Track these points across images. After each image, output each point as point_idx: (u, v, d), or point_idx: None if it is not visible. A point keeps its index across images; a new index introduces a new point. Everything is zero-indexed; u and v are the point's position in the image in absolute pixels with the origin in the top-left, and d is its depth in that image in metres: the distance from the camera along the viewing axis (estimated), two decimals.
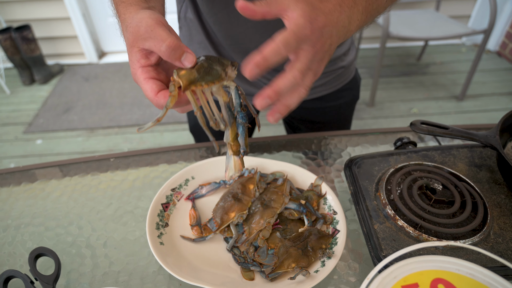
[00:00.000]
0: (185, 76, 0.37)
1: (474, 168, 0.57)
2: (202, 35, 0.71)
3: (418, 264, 0.33)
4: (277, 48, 0.33)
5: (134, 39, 0.37)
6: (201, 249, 0.53)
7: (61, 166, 0.69)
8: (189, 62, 0.37)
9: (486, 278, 0.32)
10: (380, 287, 0.32)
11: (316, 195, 0.57)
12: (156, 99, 0.37)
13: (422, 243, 0.34)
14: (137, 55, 0.38)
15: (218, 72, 0.39)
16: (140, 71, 0.38)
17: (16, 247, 0.55)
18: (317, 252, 0.49)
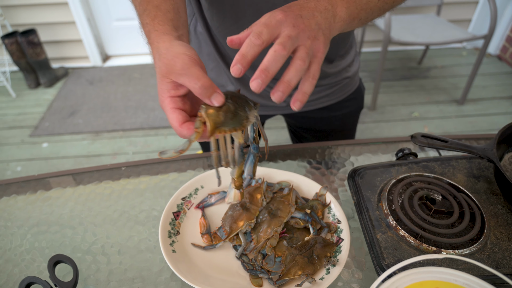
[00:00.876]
0: (212, 117, 0.40)
1: (472, 179, 0.59)
2: (211, 47, 0.74)
3: (419, 275, 0.36)
4: (250, 41, 0.37)
5: (168, 71, 0.40)
6: (211, 256, 0.55)
7: (75, 174, 0.72)
8: (217, 102, 0.40)
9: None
10: None
11: (320, 205, 0.60)
12: (180, 129, 0.40)
13: (422, 256, 0.36)
14: (168, 85, 0.41)
15: (242, 119, 0.42)
16: (168, 100, 0.41)
17: (34, 254, 0.57)
18: (322, 260, 0.52)
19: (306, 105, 0.81)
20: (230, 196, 0.49)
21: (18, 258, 0.57)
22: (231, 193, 0.49)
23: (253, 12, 0.62)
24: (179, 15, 0.48)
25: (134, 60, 2.90)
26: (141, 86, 2.60)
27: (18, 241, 0.59)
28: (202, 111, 0.41)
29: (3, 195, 0.68)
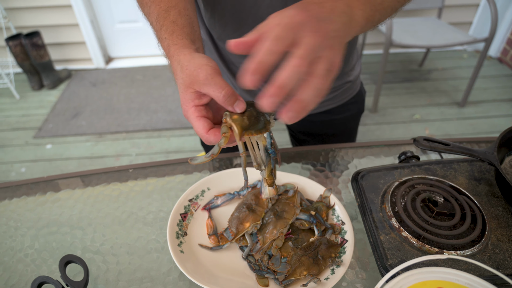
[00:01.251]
0: (238, 122, 0.42)
1: (474, 181, 0.60)
2: (215, 54, 0.75)
3: (422, 275, 0.37)
4: (269, 46, 0.32)
5: (192, 82, 0.41)
6: (218, 257, 0.56)
7: (83, 176, 0.74)
8: (240, 109, 0.42)
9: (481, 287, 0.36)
10: None
11: (325, 206, 0.61)
12: (207, 136, 0.42)
13: (425, 256, 0.38)
14: (192, 95, 0.42)
15: (264, 122, 0.45)
16: (193, 109, 0.43)
17: (45, 255, 0.59)
18: (327, 261, 0.53)
19: None
20: (266, 193, 0.53)
21: (29, 258, 0.58)
22: (265, 190, 0.53)
23: (253, 20, 0.63)
24: (194, 29, 0.49)
25: (137, 62, 2.92)
26: (144, 88, 2.62)
27: (28, 241, 0.61)
28: (227, 118, 0.43)
29: (13, 197, 0.70)
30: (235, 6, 0.62)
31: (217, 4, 0.63)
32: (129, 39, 2.89)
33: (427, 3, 2.28)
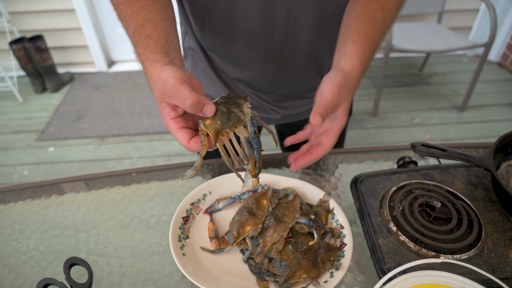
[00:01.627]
0: (211, 126, 0.43)
1: (471, 186, 0.62)
2: (206, 63, 0.76)
3: (418, 278, 0.38)
4: (329, 107, 0.47)
5: (162, 96, 0.43)
6: (219, 259, 0.57)
7: (87, 180, 0.75)
8: (210, 113, 0.43)
9: None
10: None
11: (324, 210, 0.62)
12: (189, 146, 0.43)
13: (421, 260, 0.39)
14: (167, 109, 0.43)
15: (237, 115, 0.45)
16: (171, 122, 0.44)
17: (50, 257, 0.60)
18: (326, 264, 0.54)
19: (298, 116, 0.84)
20: (248, 185, 0.52)
21: (34, 260, 0.59)
22: (248, 182, 0.52)
23: (243, 33, 0.64)
24: (170, 40, 0.50)
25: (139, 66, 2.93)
26: (145, 91, 2.64)
27: (33, 244, 0.62)
28: (201, 125, 0.44)
29: (18, 200, 0.71)
30: (224, 19, 0.63)
31: (206, 17, 0.64)
32: None
33: (427, 8, 2.30)
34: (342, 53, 0.52)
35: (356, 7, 0.54)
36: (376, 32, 0.53)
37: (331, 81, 0.47)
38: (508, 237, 0.53)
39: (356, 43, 0.51)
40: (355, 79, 0.51)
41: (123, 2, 0.51)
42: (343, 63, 0.50)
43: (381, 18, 0.53)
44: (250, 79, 0.75)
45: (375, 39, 0.53)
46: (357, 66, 0.51)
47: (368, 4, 0.54)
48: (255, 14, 0.61)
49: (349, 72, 0.50)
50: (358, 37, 0.51)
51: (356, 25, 0.52)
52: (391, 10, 0.55)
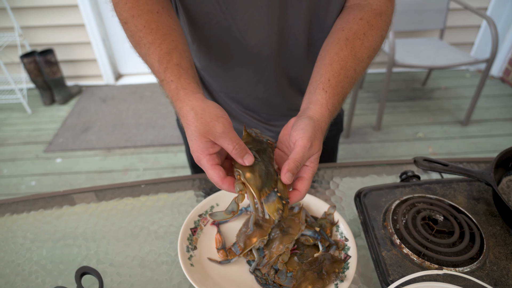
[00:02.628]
0: (252, 182, 0.46)
1: (472, 200, 0.63)
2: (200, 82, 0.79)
3: None
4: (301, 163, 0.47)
5: (207, 131, 0.44)
6: (226, 270, 0.59)
7: (97, 191, 0.77)
8: (248, 162, 0.46)
9: None
10: None
11: (329, 223, 0.63)
12: (222, 184, 0.45)
13: (423, 272, 0.40)
14: (207, 144, 0.45)
15: (272, 174, 0.48)
16: (207, 158, 0.45)
17: (62, 265, 0.61)
18: (331, 276, 0.55)
19: None
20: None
21: (46, 269, 0.61)
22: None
23: (239, 56, 0.67)
24: (195, 71, 0.52)
25: (145, 79, 3.00)
26: (152, 104, 2.69)
27: (45, 253, 0.64)
28: (241, 177, 0.46)
29: (31, 210, 0.73)
30: (221, 43, 0.65)
31: (204, 39, 0.66)
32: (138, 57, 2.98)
33: (429, 24, 2.34)
34: (312, 100, 0.52)
35: (330, 51, 0.55)
36: (346, 82, 0.54)
37: (303, 133, 0.48)
38: (510, 251, 0.55)
39: (327, 92, 0.52)
40: (324, 128, 0.51)
41: (142, 29, 0.53)
42: (313, 112, 0.51)
43: (352, 67, 0.55)
44: (243, 99, 0.78)
45: (344, 89, 0.54)
46: (326, 116, 0.52)
47: (342, 50, 0.55)
48: (251, 40, 0.63)
49: (319, 121, 0.50)
50: (329, 85, 0.53)
51: (328, 72, 0.53)
52: (363, 59, 0.56)
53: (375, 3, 0.59)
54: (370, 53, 0.57)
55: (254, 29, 0.62)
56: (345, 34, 0.56)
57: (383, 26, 0.58)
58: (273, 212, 0.47)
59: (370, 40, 0.56)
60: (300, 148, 0.46)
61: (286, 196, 0.48)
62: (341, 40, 0.56)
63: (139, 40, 0.53)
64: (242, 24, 0.61)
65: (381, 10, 0.59)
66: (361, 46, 0.56)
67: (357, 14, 0.58)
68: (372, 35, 0.57)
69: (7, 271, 0.61)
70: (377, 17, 0.58)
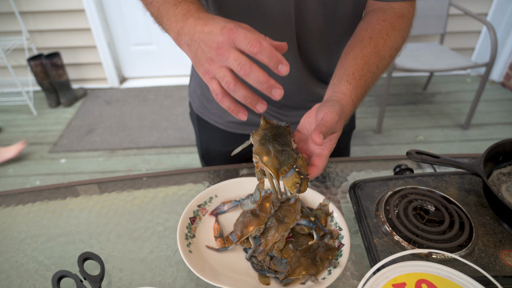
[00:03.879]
0: (270, 164, 0.47)
1: (464, 192, 0.65)
2: None
3: (406, 268, 0.41)
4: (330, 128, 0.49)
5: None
6: (223, 257, 0.61)
7: (100, 183, 0.80)
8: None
9: (461, 280, 0.40)
10: (374, 285, 0.40)
11: (324, 213, 0.65)
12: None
13: (409, 250, 0.42)
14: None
15: (290, 153, 0.49)
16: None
17: (65, 252, 0.64)
18: (324, 262, 0.57)
19: None
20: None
21: (50, 255, 0.63)
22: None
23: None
24: None
25: (149, 83, 3.04)
26: (155, 106, 2.72)
27: (50, 241, 0.66)
28: (259, 162, 0.48)
29: (36, 200, 0.75)
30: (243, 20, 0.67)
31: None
32: (142, 61, 3.03)
33: (430, 29, 2.37)
34: (336, 90, 0.55)
35: (354, 49, 0.58)
36: (369, 76, 0.57)
37: (332, 108, 0.50)
38: (499, 239, 0.56)
39: (351, 84, 0.55)
40: (348, 114, 0.54)
41: None
42: (338, 98, 0.54)
43: (375, 63, 0.58)
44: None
45: (367, 82, 0.57)
46: (350, 105, 0.54)
47: (365, 48, 0.58)
48: (269, 18, 0.65)
49: (344, 106, 0.53)
50: (353, 78, 0.56)
51: (352, 66, 0.56)
52: (385, 57, 0.59)
53: (397, 7, 0.63)
54: (392, 52, 0.60)
55: (273, 18, 0.64)
56: (369, 33, 0.60)
57: (405, 28, 0.62)
58: (291, 186, 0.48)
59: (393, 40, 0.60)
60: (330, 118, 0.48)
61: (305, 172, 0.49)
62: (364, 39, 0.59)
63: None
64: (263, 5, 0.63)
65: (403, 13, 0.62)
66: (384, 45, 0.59)
67: (380, 16, 0.62)
68: (394, 35, 0.60)
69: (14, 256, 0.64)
70: (399, 19, 0.61)
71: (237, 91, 0.42)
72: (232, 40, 0.40)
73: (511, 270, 0.51)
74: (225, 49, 0.41)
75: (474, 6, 2.56)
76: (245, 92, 0.42)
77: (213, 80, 0.44)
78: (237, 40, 0.40)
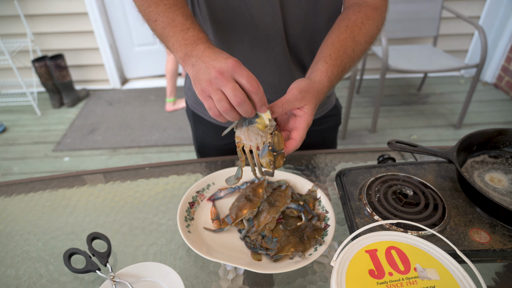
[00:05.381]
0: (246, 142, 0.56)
1: (440, 179, 0.70)
2: None
3: (378, 237, 0.47)
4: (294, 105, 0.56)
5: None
6: (220, 237, 0.66)
7: (105, 173, 0.85)
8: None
9: (425, 247, 0.46)
10: (349, 251, 0.45)
11: (312, 198, 0.71)
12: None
13: (380, 221, 0.48)
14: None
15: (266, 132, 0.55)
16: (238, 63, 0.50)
17: (75, 232, 0.70)
18: (311, 241, 0.63)
19: None
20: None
21: (62, 234, 0.69)
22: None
23: (250, 39, 0.75)
24: None
25: (150, 84, 3.11)
26: (156, 107, 2.79)
27: (61, 223, 0.72)
28: (240, 144, 0.56)
29: (47, 188, 0.81)
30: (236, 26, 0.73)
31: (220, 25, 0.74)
32: (146, 61, 3.10)
33: (423, 32, 2.44)
34: (314, 69, 0.62)
35: (332, 35, 0.65)
36: (345, 57, 0.63)
37: (296, 84, 0.56)
38: (469, 219, 0.62)
39: (328, 63, 0.61)
40: (321, 89, 0.59)
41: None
42: (313, 76, 0.60)
43: (351, 47, 0.64)
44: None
45: (344, 63, 0.63)
46: (325, 80, 0.60)
47: (342, 34, 0.65)
48: (260, 24, 0.72)
49: (316, 82, 0.59)
50: (329, 58, 0.62)
51: (329, 49, 0.63)
52: (361, 42, 0.66)
53: (371, 1, 0.70)
54: (367, 39, 0.67)
55: (263, 13, 0.71)
56: (345, 22, 0.67)
57: (379, 19, 0.69)
58: (267, 165, 0.55)
59: (367, 27, 0.67)
60: (289, 94, 0.54)
61: (280, 148, 0.55)
62: (341, 27, 0.66)
63: (159, 1, 0.60)
64: (253, 8, 0.70)
65: (376, 6, 0.70)
66: (359, 32, 0.66)
67: (356, 8, 0.69)
68: (369, 23, 0.67)
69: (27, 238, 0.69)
70: (373, 11, 0.69)
71: (229, 114, 0.50)
72: (233, 71, 0.48)
73: (478, 245, 0.57)
74: (225, 76, 0.47)
75: (467, 9, 2.63)
76: (235, 115, 0.51)
77: (208, 98, 0.51)
78: (239, 74, 0.48)
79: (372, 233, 0.48)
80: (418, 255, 0.45)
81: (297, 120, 0.57)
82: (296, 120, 0.57)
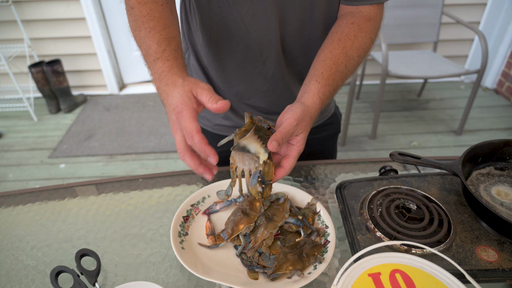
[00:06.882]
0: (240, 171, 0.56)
1: (444, 192, 0.68)
2: (204, 79, 0.85)
3: (381, 259, 0.44)
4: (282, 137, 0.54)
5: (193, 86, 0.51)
6: (215, 254, 0.63)
7: (98, 184, 0.83)
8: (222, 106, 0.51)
9: (432, 270, 0.43)
10: (351, 274, 0.43)
11: (311, 212, 0.68)
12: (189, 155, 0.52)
13: (384, 242, 0.45)
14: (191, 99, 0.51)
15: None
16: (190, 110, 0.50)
17: (63, 249, 0.66)
18: (310, 258, 0.60)
19: None
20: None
21: (48, 252, 0.66)
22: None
23: (243, 48, 0.74)
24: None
25: (148, 89, 3.09)
26: (154, 113, 2.76)
27: (49, 239, 0.69)
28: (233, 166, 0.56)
29: (36, 201, 0.78)
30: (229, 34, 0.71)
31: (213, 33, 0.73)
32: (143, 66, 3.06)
33: (423, 37, 2.42)
34: (306, 89, 0.60)
35: (325, 50, 0.64)
36: (337, 75, 0.62)
37: (292, 113, 0.55)
38: (476, 235, 0.59)
39: (320, 83, 0.60)
40: (313, 113, 0.58)
41: (145, 15, 0.59)
42: (305, 98, 0.59)
43: (343, 63, 0.62)
44: (244, 91, 0.84)
45: (336, 81, 0.62)
46: (317, 103, 0.59)
47: (334, 49, 0.63)
48: (254, 32, 0.70)
49: (309, 107, 0.57)
50: (322, 77, 0.60)
51: (321, 67, 0.61)
52: (353, 57, 0.64)
53: (365, 10, 0.67)
54: (360, 52, 0.65)
55: (257, 22, 0.69)
56: (338, 36, 0.64)
57: (372, 30, 0.67)
58: (255, 194, 0.55)
59: (360, 41, 0.64)
60: (287, 124, 0.53)
61: (269, 179, 0.54)
62: (334, 40, 0.64)
63: (141, 24, 0.60)
64: (247, 17, 0.68)
65: (370, 16, 0.67)
66: (352, 46, 0.63)
67: (349, 19, 0.66)
68: (362, 37, 0.65)
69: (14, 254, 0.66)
70: (366, 22, 0.66)
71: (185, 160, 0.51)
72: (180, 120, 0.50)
73: (485, 264, 0.54)
74: (175, 128, 0.51)
75: (467, 15, 2.62)
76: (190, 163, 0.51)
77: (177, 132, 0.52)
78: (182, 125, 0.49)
79: (375, 255, 0.45)
80: (424, 279, 0.43)
81: (289, 147, 0.56)
82: (288, 148, 0.57)
